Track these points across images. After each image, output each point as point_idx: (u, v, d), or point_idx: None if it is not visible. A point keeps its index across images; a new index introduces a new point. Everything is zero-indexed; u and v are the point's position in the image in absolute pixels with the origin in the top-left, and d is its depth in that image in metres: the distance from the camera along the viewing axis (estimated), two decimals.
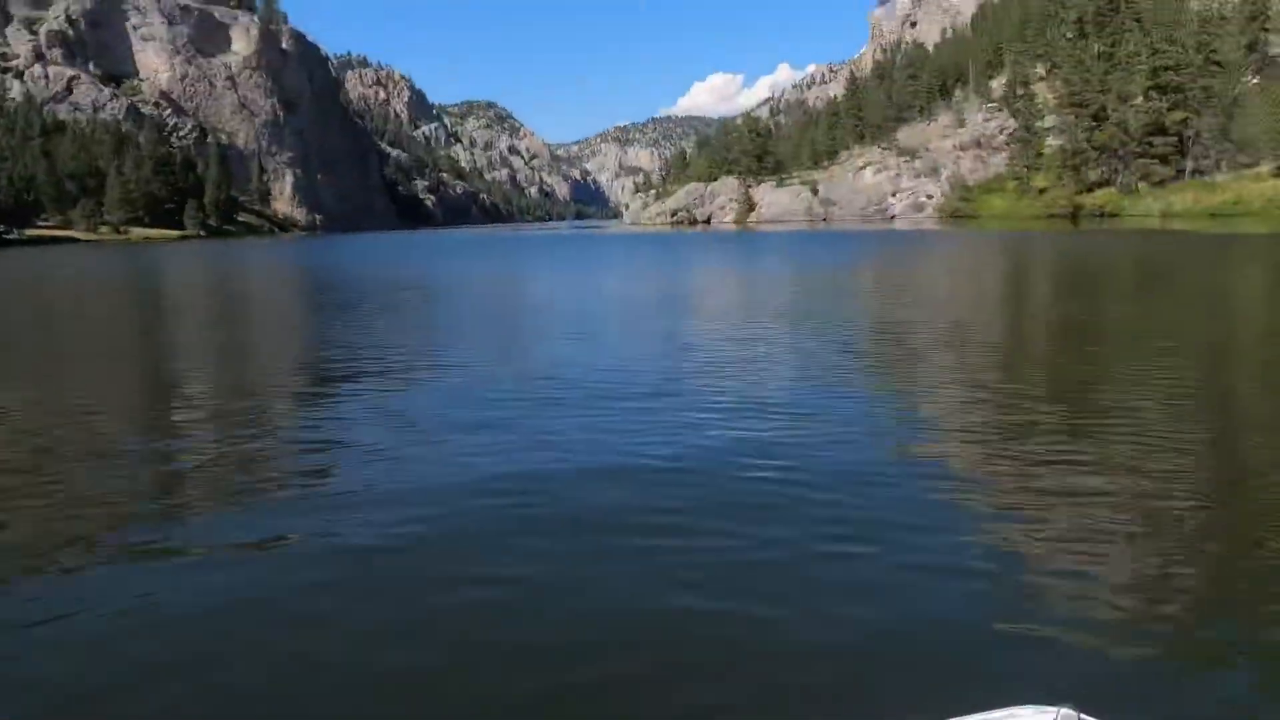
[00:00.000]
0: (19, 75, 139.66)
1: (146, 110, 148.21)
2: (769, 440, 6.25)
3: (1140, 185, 68.90)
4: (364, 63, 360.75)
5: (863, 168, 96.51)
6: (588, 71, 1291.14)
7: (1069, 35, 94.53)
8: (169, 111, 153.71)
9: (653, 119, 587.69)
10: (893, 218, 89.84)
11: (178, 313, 19.45)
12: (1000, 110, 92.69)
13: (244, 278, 32.39)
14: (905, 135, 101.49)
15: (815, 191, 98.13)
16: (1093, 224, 58.55)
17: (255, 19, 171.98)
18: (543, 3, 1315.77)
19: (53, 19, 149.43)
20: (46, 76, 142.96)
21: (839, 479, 5.29)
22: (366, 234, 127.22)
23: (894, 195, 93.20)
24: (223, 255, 53.13)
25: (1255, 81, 69.53)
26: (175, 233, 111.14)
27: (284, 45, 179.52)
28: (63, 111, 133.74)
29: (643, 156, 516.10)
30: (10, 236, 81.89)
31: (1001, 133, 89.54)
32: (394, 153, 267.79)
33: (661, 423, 6.83)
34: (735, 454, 5.90)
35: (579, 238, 73.57)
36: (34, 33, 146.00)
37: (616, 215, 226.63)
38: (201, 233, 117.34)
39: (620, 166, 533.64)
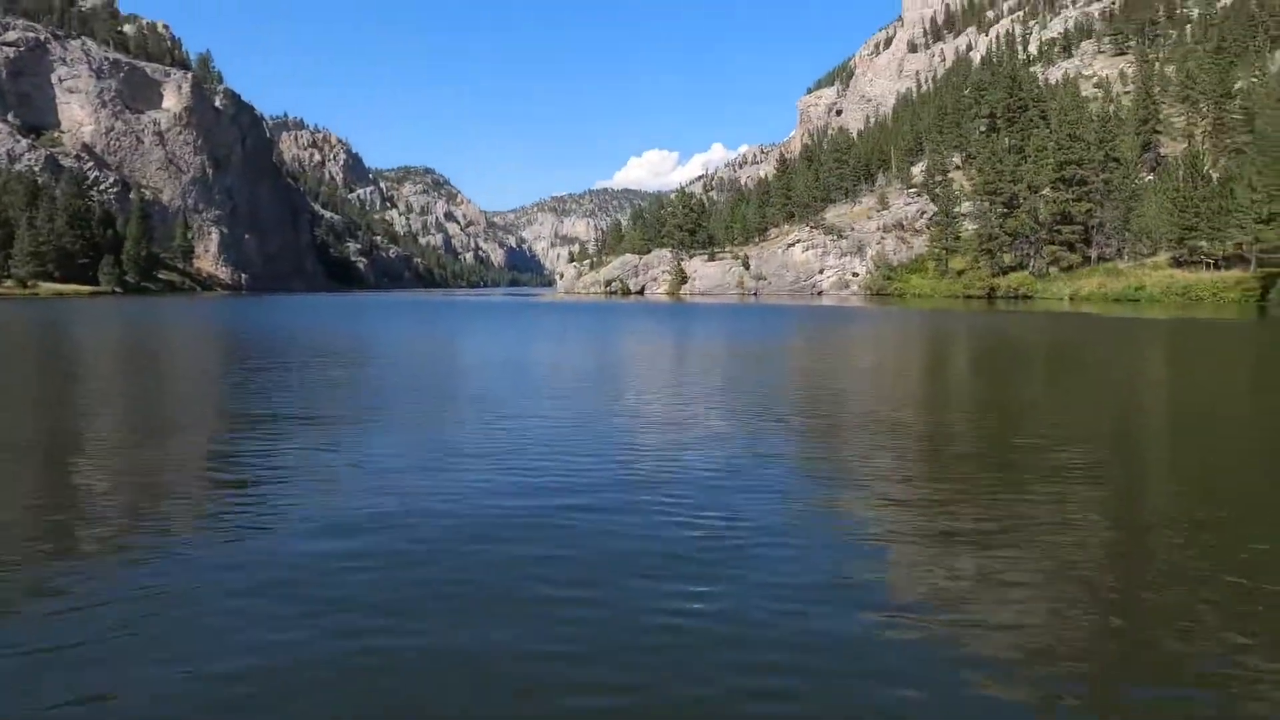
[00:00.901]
0: None
1: (67, 163, 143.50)
2: (681, 552, 5.82)
3: (1051, 270, 72.64)
4: (300, 125, 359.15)
5: (792, 245, 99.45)
6: (528, 142, 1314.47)
7: (982, 129, 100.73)
8: (90, 165, 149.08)
9: (590, 190, 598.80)
10: (820, 293, 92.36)
11: (61, 376, 18.11)
12: (920, 195, 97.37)
13: (147, 336, 30.78)
14: (832, 215, 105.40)
15: (746, 266, 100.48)
16: (1008, 305, 61.15)
17: (189, 76, 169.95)
18: (486, 75, 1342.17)
19: None
20: None
21: (762, 603, 4.84)
22: (293, 295, 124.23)
23: (822, 272, 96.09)
24: (132, 313, 50.78)
25: (1150, 178, 74.84)
26: (88, 289, 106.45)
27: (217, 104, 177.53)
28: None
29: (579, 226, 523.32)
30: None
31: (922, 216, 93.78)
32: (327, 214, 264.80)
33: (564, 527, 6.31)
34: (639, 568, 5.42)
35: (511, 305, 73.16)
36: None
37: (551, 283, 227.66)
38: (118, 289, 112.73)
39: (556, 235, 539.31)
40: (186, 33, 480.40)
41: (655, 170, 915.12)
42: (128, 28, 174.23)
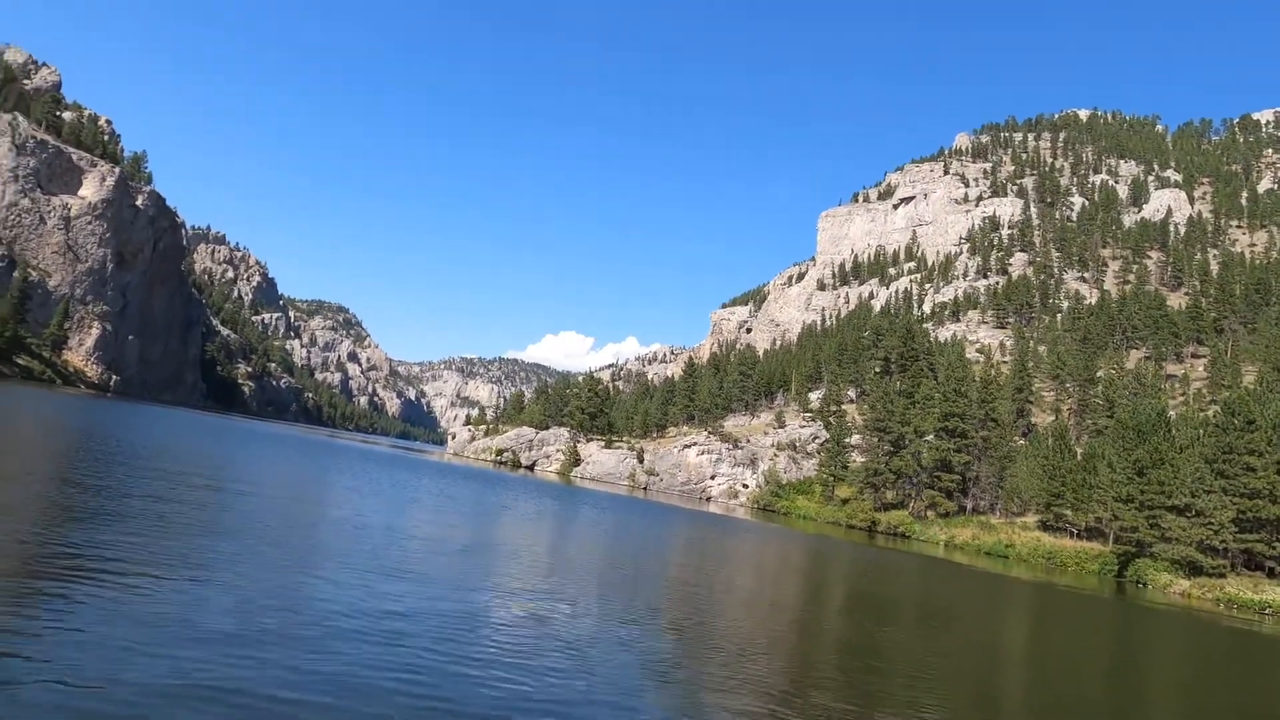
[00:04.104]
0: None
1: None
2: None
3: (929, 513, 74.89)
4: (221, 239, 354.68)
5: (689, 446, 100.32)
6: (453, 300, 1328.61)
7: (877, 369, 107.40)
8: None
9: (500, 358, 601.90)
10: (709, 499, 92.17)
11: None
12: (816, 420, 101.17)
13: None
14: (731, 424, 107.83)
15: (641, 459, 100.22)
16: (887, 541, 61.98)
17: (115, 170, 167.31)
18: (430, 233, 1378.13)
19: None
20: None
21: None
22: (158, 406, 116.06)
23: (714, 478, 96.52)
24: None
25: (1023, 442, 80.00)
26: None
27: (139, 202, 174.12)
28: None
29: (483, 391, 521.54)
30: None
31: (814, 440, 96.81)
32: (225, 331, 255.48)
33: None
34: None
35: (385, 456, 69.64)
36: None
37: (443, 441, 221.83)
38: None
39: (459, 395, 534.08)
40: (142, 138, 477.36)
41: (568, 350, 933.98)
42: (67, 114, 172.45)
